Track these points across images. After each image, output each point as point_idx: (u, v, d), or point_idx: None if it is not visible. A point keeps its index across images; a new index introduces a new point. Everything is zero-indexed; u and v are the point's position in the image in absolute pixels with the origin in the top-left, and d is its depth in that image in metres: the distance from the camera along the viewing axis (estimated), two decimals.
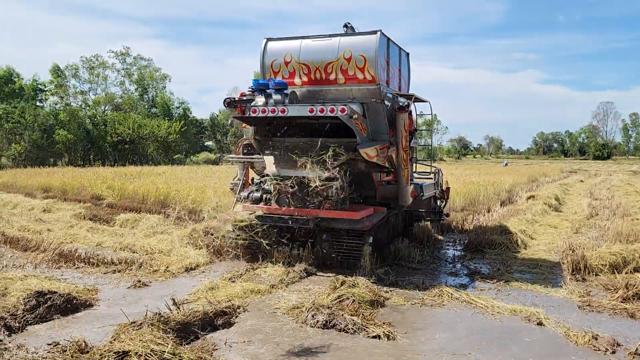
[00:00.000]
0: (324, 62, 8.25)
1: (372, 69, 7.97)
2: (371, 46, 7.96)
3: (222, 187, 16.13)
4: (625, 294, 6.47)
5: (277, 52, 8.62)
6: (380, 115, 8.21)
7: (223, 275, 7.44)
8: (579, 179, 33.20)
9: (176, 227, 11.02)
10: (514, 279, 7.51)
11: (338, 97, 8.28)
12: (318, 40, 8.39)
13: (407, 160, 8.49)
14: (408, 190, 8.60)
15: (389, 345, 5.03)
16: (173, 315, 5.22)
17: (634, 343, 4.96)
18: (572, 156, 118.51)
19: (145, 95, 66.48)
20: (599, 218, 13.71)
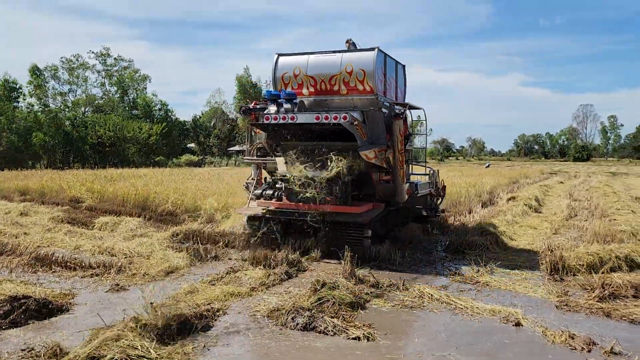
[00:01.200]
0: (328, 75, 9.31)
1: (370, 81, 8.98)
2: (370, 61, 8.99)
3: (203, 189, 16.05)
4: (602, 293, 6.56)
5: (287, 66, 9.66)
6: (378, 122, 9.15)
7: (203, 278, 7.38)
8: (559, 181, 33.67)
9: (156, 230, 10.90)
10: (493, 280, 7.57)
11: (341, 105, 9.29)
12: (323, 55, 9.47)
13: (402, 162, 9.37)
14: (404, 189, 9.55)
15: (369, 346, 5.03)
16: (151, 318, 5.15)
17: (609, 342, 5.03)
18: (552, 158, 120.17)
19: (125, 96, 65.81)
20: (578, 219, 13.92)
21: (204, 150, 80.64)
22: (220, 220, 11.92)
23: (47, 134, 43.12)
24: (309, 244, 9.12)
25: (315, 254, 8.78)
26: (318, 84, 9.42)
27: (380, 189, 9.73)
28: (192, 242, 9.67)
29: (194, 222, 11.89)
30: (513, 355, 4.85)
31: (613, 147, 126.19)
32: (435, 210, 11.69)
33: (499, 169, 48.05)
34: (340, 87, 9.25)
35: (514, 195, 19.07)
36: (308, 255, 8.92)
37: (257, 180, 10.21)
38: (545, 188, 25.31)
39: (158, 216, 12.88)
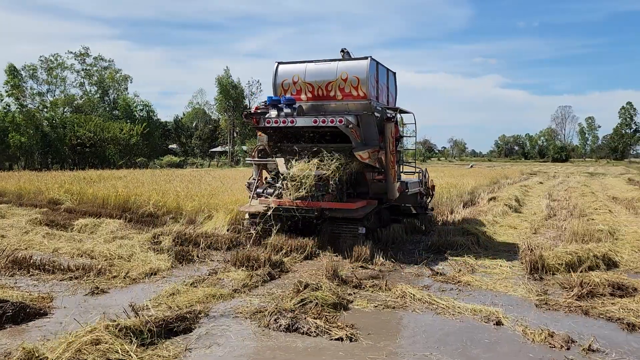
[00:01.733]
0: (325, 82, 9.96)
1: (364, 87, 9.63)
2: (363, 69, 9.66)
3: (185, 190, 15.91)
4: (580, 292, 6.67)
5: (286, 73, 10.30)
6: (371, 125, 9.83)
7: (185, 280, 7.31)
8: (539, 181, 34.14)
9: (137, 232, 10.78)
10: (475, 280, 7.64)
11: (337, 110, 9.87)
12: (320, 64, 10.13)
13: (393, 162, 10.06)
14: (395, 187, 10.22)
15: (351, 347, 5.04)
16: (132, 321, 5.09)
17: (587, 339, 5.12)
18: (532, 159, 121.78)
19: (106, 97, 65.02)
20: (557, 219, 14.13)
21: (186, 151, 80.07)
22: (202, 221, 11.84)
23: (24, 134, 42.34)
24: (296, 244, 9.19)
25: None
26: (315, 90, 10.05)
27: (374, 187, 10.38)
28: (173, 243, 9.60)
29: (175, 223, 11.79)
30: (494, 354, 4.90)
31: (591, 148, 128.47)
32: (425, 208, 12.24)
33: (480, 169, 48.53)
34: (336, 93, 9.90)
35: (494, 196, 19.29)
36: (290, 256, 8.93)
37: (258, 180, 10.71)
38: (525, 188, 25.65)
39: (139, 218, 12.74)
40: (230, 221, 11.36)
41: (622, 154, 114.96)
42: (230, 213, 11.64)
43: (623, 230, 11.83)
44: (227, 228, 11.05)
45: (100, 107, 61.88)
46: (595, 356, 4.81)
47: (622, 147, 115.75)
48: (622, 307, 6.19)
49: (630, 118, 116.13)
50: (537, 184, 31.04)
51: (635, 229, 12.14)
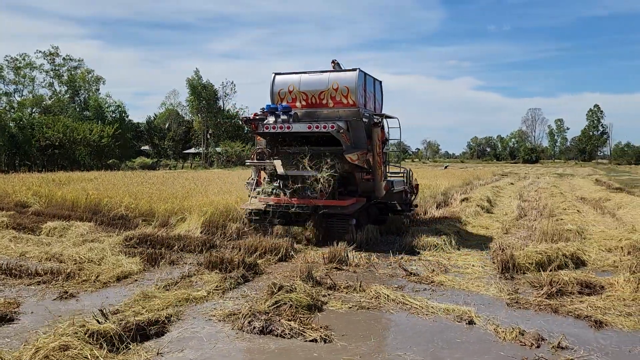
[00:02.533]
0: (318, 91, 10.82)
1: (353, 96, 10.52)
2: (352, 80, 10.57)
3: (158, 192, 15.70)
4: (550, 290, 6.81)
5: (283, 83, 11.14)
6: (360, 130, 10.70)
7: (157, 283, 7.20)
8: (510, 182, 34.75)
9: (108, 235, 10.58)
10: (448, 279, 7.72)
11: (328, 116, 10.72)
12: (313, 75, 10.99)
13: (380, 163, 11.02)
14: (382, 185, 11.12)
15: (326, 348, 5.04)
16: (102, 326, 4.98)
17: (556, 337, 5.22)
18: (503, 160, 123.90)
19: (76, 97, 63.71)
20: (527, 219, 14.39)
21: (159, 153, 79.01)
22: (175, 224, 11.69)
23: None
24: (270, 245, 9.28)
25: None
26: (309, 98, 10.92)
27: (362, 185, 11.22)
28: (146, 246, 9.45)
29: (147, 226, 11.62)
30: (466, 353, 4.95)
31: (560, 150, 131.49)
32: (409, 205, 13.07)
33: (453, 170, 49.16)
34: (328, 101, 10.78)
35: (467, 197, 19.55)
36: (265, 257, 8.90)
37: (257, 181, 11.55)
38: (496, 189, 26.08)
39: (110, 220, 12.49)
40: (204, 223, 11.24)
41: (590, 156, 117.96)
42: (204, 215, 11.52)
43: (591, 230, 12.13)
44: (200, 230, 10.93)
45: (70, 108, 60.57)
46: (564, 353, 4.90)
47: (589, 149, 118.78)
48: (589, 305, 6.33)
49: (598, 120, 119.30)
50: (508, 185, 31.60)
51: (602, 228, 12.46)
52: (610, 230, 12.14)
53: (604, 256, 9.28)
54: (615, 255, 9.25)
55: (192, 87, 68.96)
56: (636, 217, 13.98)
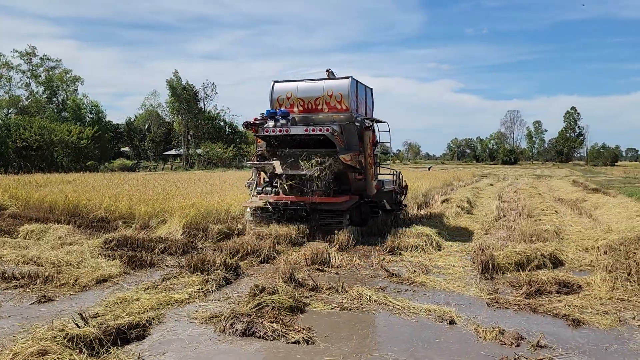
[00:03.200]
0: (314, 97, 11.71)
1: (346, 102, 11.43)
2: (345, 87, 11.46)
3: (138, 194, 15.54)
4: (529, 290, 6.91)
5: (281, 90, 12.03)
6: (352, 133, 11.57)
7: (137, 286, 7.13)
8: (489, 183, 35.18)
9: (87, 238, 10.44)
10: (429, 280, 7.78)
11: (324, 120, 11.63)
12: (309, 82, 11.85)
13: (371, 163, 11.95)
14: (373, 184, 12.14)
15: (308, 349, 5.04)
16: (81, 330, 4.91)
17: (536, 336, 5.30)
18: (483, 161, 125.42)
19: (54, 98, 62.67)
20: (507, 219, 14.57)
21: (139, 155, 78.17)
22: (156, 226, 11.58)
23: None
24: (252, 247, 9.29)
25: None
26: (306, 104, 11.81)
27: (355, 184, 12.06)
28: (126, 249, 9.34)
29: (128, 228, 11.49)
30: (447, 353, 5.00)
31: (538, 151, 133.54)
32: (399, 204, 14.26)
33: (433, 172, 49.56)
34: (323, 107, 11.66)
35: (447, 198, 19.74)
36: (247, 259, 8.88)
37: (257, 181, 12.33)
38: (476, 190, 26.38)
39: (89, 223, 12.33)
40: (185, 225, 11.16)
41: (567, 157, 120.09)
42: (185, 217, 11.44)
43: (568, 230, 12.35)
44: (181, 232, 10.85)
45: (47, 109, 59.55)
46: (543, 352, 4.98)
47: (566, 150, 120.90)
48: (567, 304, 6.44)
49: (574, 122, 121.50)
50: (487, 186, 31.98)
51: (579, 228, 12.69)
52: (587, 230, 12.37)
53: (581, 256, 9.45)
54: (592, 255, 9.42)
55: (172, 88, 68.43)
56: (612, 218, 14.26)
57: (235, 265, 8.17)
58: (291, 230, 10.90)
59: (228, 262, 8.08)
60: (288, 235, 10.68)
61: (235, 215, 13.22)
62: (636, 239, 9.75)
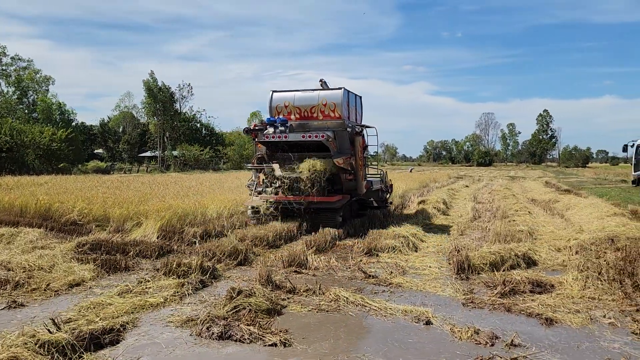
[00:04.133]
0: (309, 106, 12.87)
1: (339, 110, 12.64)
2: (338, 97, 12.68)
3: (112, 197, 15.29)
4: (503, 290, 7.01)
5: (279, 99, 13.16)
6: (344, 138, 12.65)
7: (111, 290, 7.01)
8: (465, 184, 35.61)
9: (60, 241, 10.22)
10: (406, 281, 7.83)
11: (319, 127, 12.76)
12: (305, 92, 13.03)
13: (361, 165, 13.18)
14: (363, 184, 13.30)
15: (285, 352, 5.03)
16: (53, 336, 4.81)
17: (510, 335, 5.38)
18: (458, 163, 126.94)
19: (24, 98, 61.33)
20: (481, 220, 14.77)
21: (113, 156, 77.00)
22: (131, 229, 11.41)
23: None
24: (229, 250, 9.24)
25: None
26: (302, 112, 12.95)
27: (346, 185, 13.05)
28: (99, 252, 9.18)
29: (102, 231, 11.29)
30: (424, 353, 5.04)
31: (512, 153, 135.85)
32: (385, 202, 15.70)
33: (410, 173, 49.96)
34: (318, 115, 12.83)
35: (424, 199, 19.92)
36: (223, 262, 8.82)
37: (256, 182, 13.26)
38: (452, 192, 26.68)
39: (62, 226, 12.07)
40: (161, 228, 11.02)
41: (540, 159, 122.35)
42: (161, 220, 11.29)
43: (541, 230, 12.58)
44: (157, 235, 10.71)
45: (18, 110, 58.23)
46: (517, 351, 5.06)
47: (539, 152, 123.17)
48: (540, 303, 6.56)
49: (547, 125, 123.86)
50: (463, 187, 32.37)
51: (552, 229, 12.94)
52: (559, 230, 12.62)
53: (554, 256, 9.63)
54: (564, 254, 9.60)
55: (148, 89, 67.65)
56: (583, 218, 14.57)
57: (212, 268, 8.09)
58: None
59: (204, 265, 8.00)
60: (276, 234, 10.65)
61: (212, 218, 13.11)
62: (606, 239, 9.98)
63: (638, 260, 7.99)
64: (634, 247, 8.93)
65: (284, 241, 11.09)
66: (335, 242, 11.18)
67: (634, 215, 14.72)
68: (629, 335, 5.52)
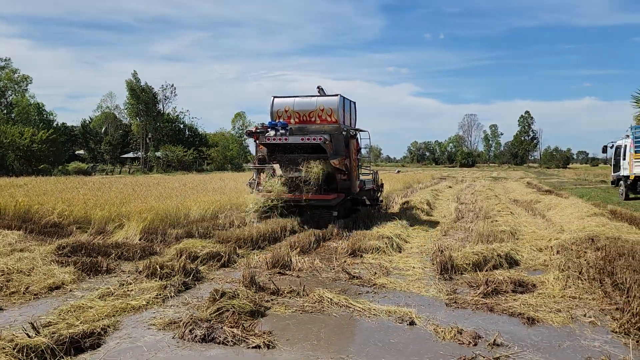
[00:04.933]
0: (308, 111, 13.83)
1: (335, 115, 13.61)
2: (334, 103, 13.66)
3: (94, 198, 15.09)
4: (486, 290, 7.06)
5: (280, 105, 14.10)
6: (340, 141, 13.71)
7: (92, 293, 6.90)
8: (448, 185, 35.87)
9: (39, 244, 10.05)
10: (389, 282, 7.85)
11: (316, 130, 13.68)
12: (304, 98, 13.95)
13: (355, 166, 14.25)
14: (356, 184, 14.34)
15: (269, 354, 5.00)
16: (32, 340, 4.72)
17: (492, 335, 5.41)
18: (442, 164, 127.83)
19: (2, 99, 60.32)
20: (464, 221, 14.88)
21: (95, 158, 76.06)
22: (113, 231, 11.27)
23: None
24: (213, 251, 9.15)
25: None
26: (301, 116, 13.89)
27: (341, 184, 14.02)
28: (80, 255, 9.04)
29: (83, 233, 11.14)
30: (408, 353, 5.05)
31: (494, 154, 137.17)
32: (376, 200, 16.81)
33: (394, 174, 50.15)
34: (316, 119, 13.79)
35: (407, 200, 20.02)
36: (207, 264, 8.76)
37: (257, 181, 14.09)
38: (435, 192, 26.84)
39: (42, 229, 11.86)
40: (143, 230, 10.90)
41: (522, 160, 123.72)
42: (143, 221, 11.18)
43: (523, 231, 12.72)
44: (139, 237, 10.60)
45: None
46: (500, 350, 5.10)
47: (521, 153, 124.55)
48: (522, 303, 6.62)
49: (528, 126, 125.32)
50: (446, 188, 32.60)
51: (533, 229, 13.09)
52: (541, 230, 12.78)
53: (535, 256, 9.73)
54: (545, 254, 9.72)
55: (131, 90, 67.02)
56: (564, 218, 14.77)
57: (195, 269, 8.03)
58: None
59: (187, 267, 7.95)
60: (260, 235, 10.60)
61: (195, 219, 13.02)
62: (587, 239, 10.14)
63: (617, 260, 8.13)
64: (613, 247, 9.09)
65: (268, 242, 11.05)
66: (319, 243, 11.17)
67: (613, 215, 14.96)
68: (608, 333, 5.59)
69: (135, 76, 67.91)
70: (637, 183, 21.54)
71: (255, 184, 14.06)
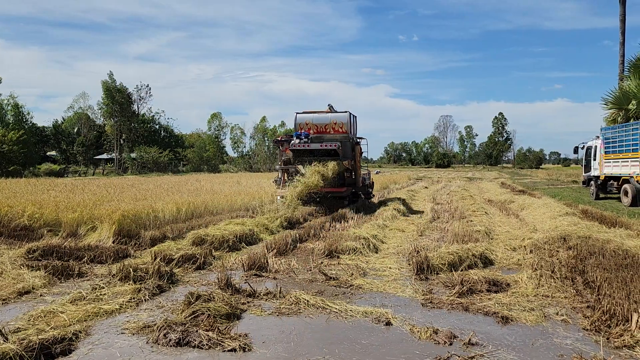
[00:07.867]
0: (323, 124, 18.40)
1: (345, 127, 18.26)
2: (345, 118, 18.35)
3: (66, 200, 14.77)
4: (461, 289, 7.13)
5: (302, 119, 18.57)
6: (348, 147, 18.16)
7: (64, 298, 6.75)
8: (424, 186, 36.19)
9: (8, 247, 9.80)
10: (366, 283, 7.86)
11: (331, 139, 17.98)
12: (321, 114, 18.53)
13: (359, 167, 18.87)
14: (359, 180, 18.81)
15: (245, 357, 4.95)
16: (0, 347, 4.59)
17: (467, 334, 5.46)
18: (418, 164, 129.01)
19: None
20: (440, 221, 15.03)
21: (67, 159, 74.58)
22: (85, 233, 11.05)
23: None
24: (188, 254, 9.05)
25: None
26: (318, 128, 18.40)
27: (347, 180, 18.12)
28: (51, 258, 8.84)
29: (54, 237, 10.89)
30: (384, 353, 5.06)
31: (469, 155, 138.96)
32: (369, 194, 21.13)
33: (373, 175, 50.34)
34: (330, 130, 18.37)
35: (384, 200, 20.11)
36: (182, 266, 8.65)
37: (282, 178, 18.05)
38: (412, 193, 27.05)
39: (11, 232, 11.58)
40: (117, 232, 10.72)
41: (496, 160, 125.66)
42: (115, 224, 10.98)
43: (497, 230, 12.89)
44: (112, 240, 10.42)
45: None
46: (474, 349, 5.14)
47: (495, 154, 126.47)
48: (497, 302, 6.70)
49: (502, 127, 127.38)
50: (423, 189, 32.89)
51: (507, 228, 13.28)
52: (515, 230, 12.97)
53: (509, 255, 9.87)
54: (519, 254, 9.87)
55: (107, 90, 66.01)
56: (537, 218, 15.02)
57: (170, 272, 7.92)
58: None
59: (162, 270, 7.82)
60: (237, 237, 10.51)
61: (170, 221, 12.85)
62: (559, 238, 10.32)
63: (588, 259, 8.29)
64: (584, 246, 9.28)
65: (245, 244, 10.98)
66: (296, 244, 11.13)
67: (584, 215, 15.28)
68: (580, 331, 5.70)
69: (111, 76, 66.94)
70: (607, 183, 22.06)
71: (281, 181, 18.01)
